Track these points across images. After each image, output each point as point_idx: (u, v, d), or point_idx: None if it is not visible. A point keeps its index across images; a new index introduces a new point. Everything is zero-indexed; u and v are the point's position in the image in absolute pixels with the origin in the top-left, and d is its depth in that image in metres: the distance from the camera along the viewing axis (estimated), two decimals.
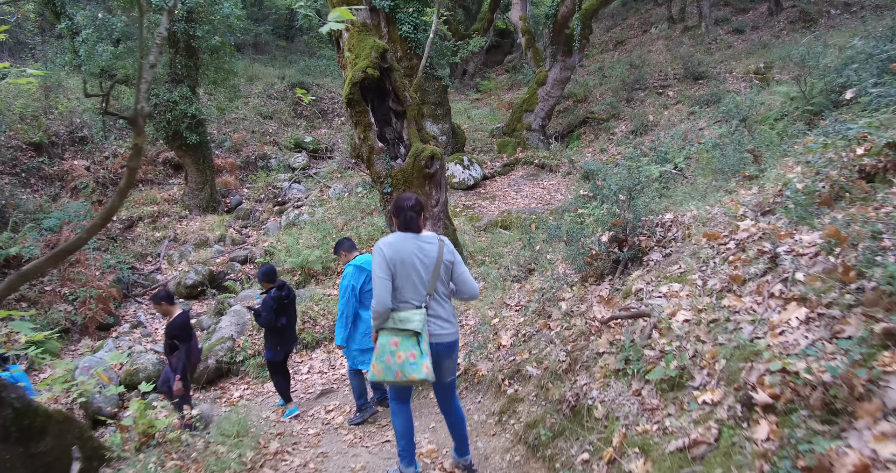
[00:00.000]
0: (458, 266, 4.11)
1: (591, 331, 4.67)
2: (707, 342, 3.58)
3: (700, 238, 5.16)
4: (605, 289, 5.60)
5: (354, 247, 6.52)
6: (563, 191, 14.51)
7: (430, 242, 4.03)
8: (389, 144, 9.52)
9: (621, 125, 17.01)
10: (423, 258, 3.91)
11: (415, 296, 3.89)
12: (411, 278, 3.88)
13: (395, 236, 3.96)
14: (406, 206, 3.99)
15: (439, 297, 4.04)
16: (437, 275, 3.96)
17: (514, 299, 7.49)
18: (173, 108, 13.11)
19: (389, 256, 3.83)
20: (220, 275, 12.41)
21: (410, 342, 3.77)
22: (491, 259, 10.16)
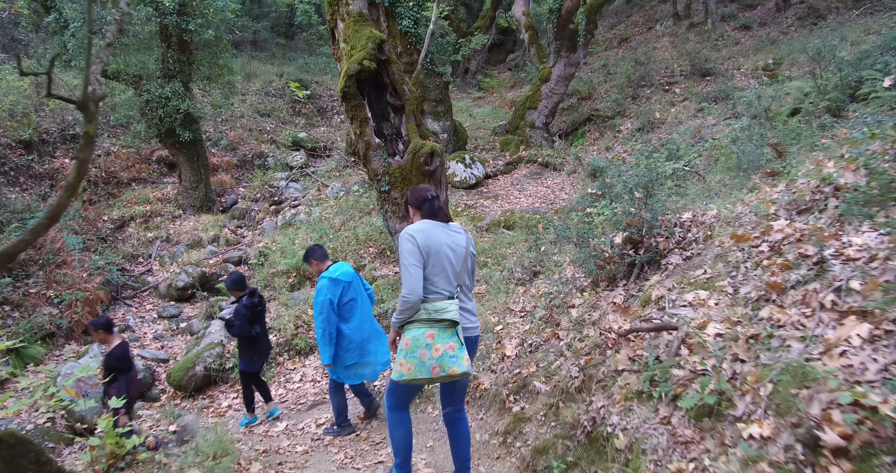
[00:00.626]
0: (476, 258, 4.01)
1: (608, 344, 4.13)
2: (748, 362, 3.05)
3: (725, 240, 4.63)
4: (619, 295, 5.07)
5: (327, 256, 6.08)
6: (568, 190, 13.96)
7: (459, 231, 3.89)
8: (387, 141, 8.99)
9: (627, 123, 16.45)
10: (453, 247, 3.71)
11: (447, 286, 3.64)
12: (444, 268, 3.64)
13: (426, 224, 3.73)
14: (430, 196, 3.85)
15: (466, 289, 3.86)
16: (465, 265, 3.79)
17: (519, 304, 6.96)
18: (165, 104, 12.57)
19: (423, 243, 3.58)
20: (213, 277, 11.89)
21: (448, 333, 3.50)
22: (493, 261, 9.63)
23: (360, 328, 5.71)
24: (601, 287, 5.46)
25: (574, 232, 6.05)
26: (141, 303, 11.55)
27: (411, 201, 3.93)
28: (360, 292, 5.84)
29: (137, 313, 11.23)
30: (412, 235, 3.62)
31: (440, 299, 3.59)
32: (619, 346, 3.98)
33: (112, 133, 15.93)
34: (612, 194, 8.23)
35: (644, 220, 5.06)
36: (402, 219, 8.79)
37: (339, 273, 5.67)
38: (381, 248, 11.29)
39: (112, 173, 14.78)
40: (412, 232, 3.64)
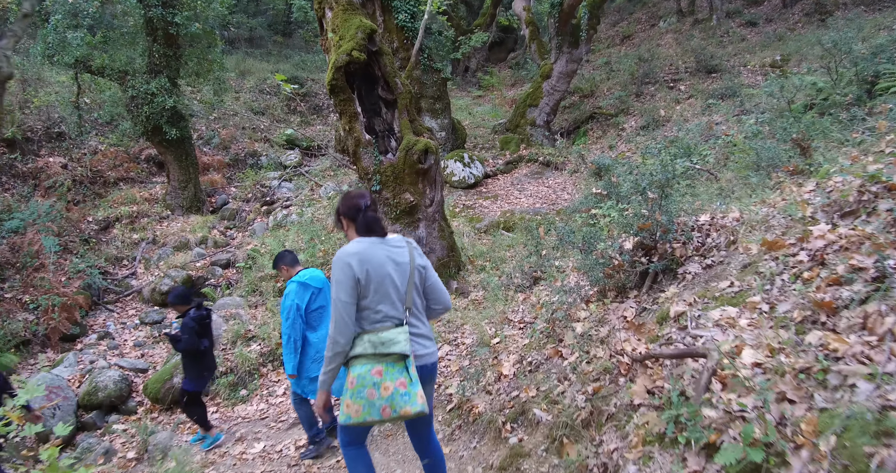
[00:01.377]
0: (430, 272, 3.43)
1: (620, 369, 3.51)
2: (799, 403, 2.43)
3: (752, 246, 4.01)
4: (630, 308, 4.45)
5: (297, 261, 5.60)
6: (570, 190, 13.36)
7: (399, 245, 3.31)
8: (379, 137, 8.39)
9: (631, 121, 15.83)
10: (396, 267, 3.18)
11: (393, 313, 3.14)
12: (388, 292, 3.13)
13: (360, 244, 3.15)
14: (363, 205, 3.27)
15: (417, 311, 3.31)
16: (412, 284, 3.24)
17: (518, 313, 6.34)
18: (151, 100, 11.95)
19: (359, 269, 3.04)
20: (200, 280, 11.28)
21: (397, 368, 3.01)
22: (492, 264, 9.02)
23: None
24: (609, 298, 4.84)
25: (579, 236, 5.42)
26: (123, 308, 10.95)
27: (343, 211, 3.34)
28: (330, 301, 5.29)
29: (119, 318, 10.62)
30: (346, 261, 3.06)
31: (387, 328, 3.09)
32: (633, 373, 3.36)
33: (100, 131, 15.31)
34: (619, 193, 7.62)
35: (658, 223, 4.44)
36: (395, 221, 8.19)
37: (308, 278, 5.27)
38: None
39: (98, 173, 14.16)
40: (346, 257, 3.07)
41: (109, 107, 13.27)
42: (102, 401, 8.22)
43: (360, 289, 3.06)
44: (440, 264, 8.40)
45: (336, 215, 3.42)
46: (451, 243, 8.64)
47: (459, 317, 7.24)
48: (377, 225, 3.27)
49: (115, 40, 12.45)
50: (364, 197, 3.33)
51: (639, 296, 4.58)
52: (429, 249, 8.33)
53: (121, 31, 12.45)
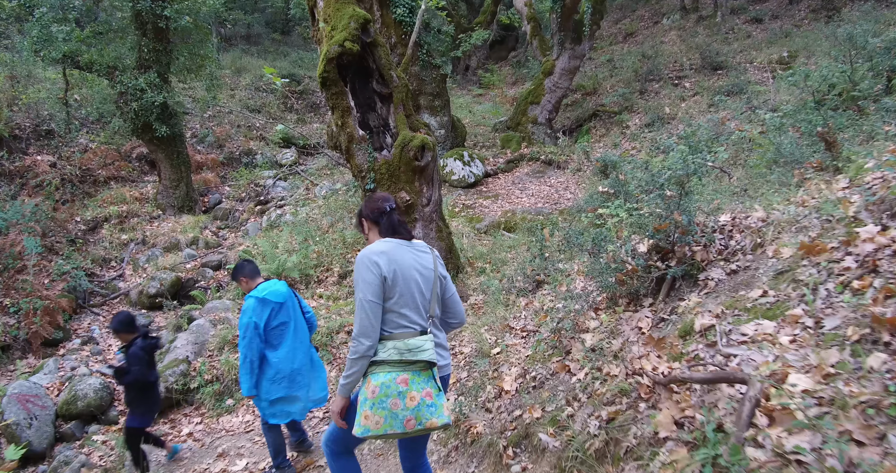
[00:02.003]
0: (450, 283, 3.24)
1: (640, 393, 3.04)
2: (869, 446, 1.96)
3: (781, 249, 3.55)
4: (645, 318, 3.98)
5: (257, 272, 5.12)
6: (573, 189, 12.90)
7: (425, 250, 3.16)
8: (373, 133, 7.92)
9: (635, 118, 15.35)
10: (422, 271, 3.02)
11: (418, 319, 2.95)
12: (413, 297, 2.94)
13: (389, 244, 3.00)
14: (388, 207, 3.12)
15: (437, 319, 3.13)
16: (436, 292, 3.07)
17: (520, 320, 5.88)
18: (140, 96, 11.49)
19: (387, 269, 2.87)
20: (189, 282, 10.81)
21: (424, 377, 2.83)
22: (492, 267, 8.55)
23: (292, 356, 4.84)
24: (621, 306, 4.37)
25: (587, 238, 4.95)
26: (110, 311, 10.48)
27: (366, 214, 3.18)
28: (294, 316, 4.94)
29: (105, 322, 10.15)
30: (374, 259, 2.87)
31: (412, 334, 2.87)
32: (656, 398, 2.89)
33: (91, 129, 14.86)
34: (626, 192, 7.16)
35: (677, 224, 3.97)
36: None
37: (267, 292, 4.77)
38: None
39: (88, 171, 13.70)
40: (373, 256, 2.89)
41: (98, 103, 12.79)
42: (82, 411, 7.76)
43: (385, 289, 2.87)
44: None
45: (358, 218, 3.26)
46: (449, 245, 8.18)
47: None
48: (403, 228, 3.12)
49: (104, 35, 11.98)
50: (389, 200, 3.15)
51: (655, 305, 4.12)
52: None
53: (109, 25, 11.98)
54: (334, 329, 7.82)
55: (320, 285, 9.90)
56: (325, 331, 7.76)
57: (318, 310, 8.78)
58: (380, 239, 3.06)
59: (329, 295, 9.43)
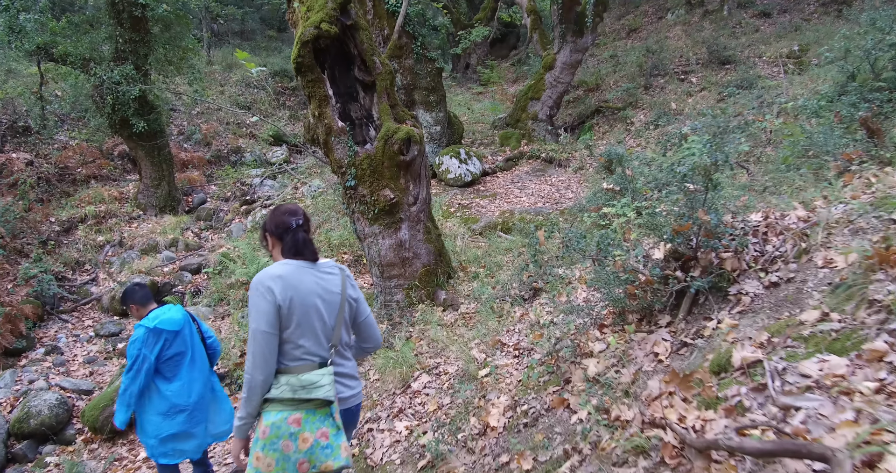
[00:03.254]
0: (362, 306, 2.97)
1: (665, 457, 2.24)
2: None
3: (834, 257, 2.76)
4: (662, 341, 3.19)
5: (150, 297, 4.44)
6: (575, 188, 12.10)
7: (331, 272, 2.83)
8: (355, 126, 7.13)
9: (639, 114, 14.53)
10: (325, 297, 2.73)
11: (317, 350, 2.68)
12: (313, 326, 2.66)
13: (286, 267, 2.68)
14: (293, 223, 2.79)
15: (343, 348, 2.88)
16: (342, 318, 2.80)
17: (514, 335, 5.08)
18: (115, 89, 10.71)
19: (283, 296, 2.57)
20: (166, 287, 10.04)
21: (319, 415, 2.60)
22: (486, 271, 7.75)
23: (188, 389, 4.26)
24: (631, 324, 3.57)
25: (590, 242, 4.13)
26: (80, 318, 9.71)
27: (269, 228, 2.85)
28: (191, 345, 4.34)
29: (74, 330, 9.39)
30: (268, 285, 2.57)
31: (309, 367, 2.63)
32: (687, 466, 2.09)
33: (73, 126, 14.09)
34: (634, 189, 6.36)
35: (702, 224, 3.18)
36: (373, 222, 6.94)
37: (159, 321, 4.13)
38: (356, 254, 9.44)
39: (67, 170, 12.93)
40: (267, 281, 2.59)
41: (72, 98, 12.01)
42: (35, 429, 6.99)
43: (281, 318, 2.57)
44: (426, 271, 7.13)
45: (262, 232, 2.91)
46: (438, 248, 7.38)
47: (445, 336, 5.98)
48: (308, 248, 2.78)
49: (78, 24, 11.19)
50: (296, 214, 2.82)
51: (673, 324, 3.32)
52: (412, 253, 7.08)
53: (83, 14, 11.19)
54: None
55: None
56: None
57: None
58: (281, 259, 2.74)
59: None
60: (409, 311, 7.03)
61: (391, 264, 7.02)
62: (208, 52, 19.62)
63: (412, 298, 7.05)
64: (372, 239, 7.00)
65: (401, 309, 7.09)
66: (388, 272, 7.09)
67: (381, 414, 4.76)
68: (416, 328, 6.69)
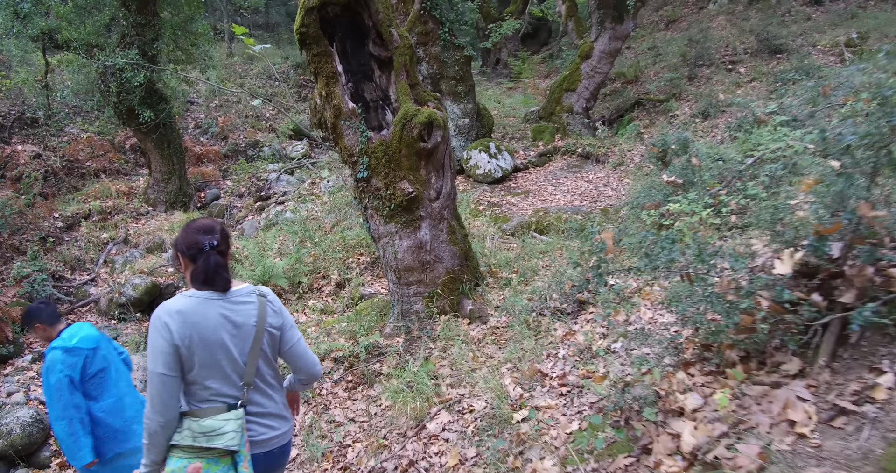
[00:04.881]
0: (289, 333, 2.55)
1: None
2: None
3: None
4: (798, 401, 2.06)
5: (58, 316, 3.94)
6: (615, 185, 10.93)
7: (246, 300, 2.42)
8: (370, 109, 6.08)
9: (684, 107, 13.27)
10: (234, 331, 2.35)
11: (226, 389, 2.34)
12: (218, 364, 2.31)
13: (187, 301, 2.30)
14: (207, 244, 2.36)
15: (263, 383, 2.48)
16: (257, 352, 2.41)
17: (557, 363, 3.97)
18: (119, 76, 9.81)
19: (181, 335, 2.22)
20: (169, 289, 9.13)
21: (223, 464, 2.28)
22: (520, 278, 6.62)
23: (119, 405, 3.86)
24: (735, 366, 2.44)
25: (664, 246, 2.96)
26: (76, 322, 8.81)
27: (180, 247, 2.41)
28: (111, 359, 3.94)
29: None
30: (165, 322, 2.22)
31: (216, 410, 2.29)
32: None
33: (86, 118, 13.28)
34: (701, 181, 5.19)
35: (859, 223, 2.04)
36: (388, 219, 5.88)
37: (77, 340, 3.72)
38: (374, 256, 8.41)
39: (76, 163, 12.12)
40: (165, 316, 2.23)
41: (76, 85, 11.15)
42: (3, 451, 6.07)
43: (181, 359, 2.24)
44: (449, 277, 6.03)
45: (174, 251, 2.51)
46: (465, 250, 6.27)
47: (471, 357, 4.90)
48: (220, 275, 2.38)
49: (84, 7, 10.30)
50: (212, 232, 2.43)
51: (810, 373, 2.18)
52: (434, 256, 5.98)
53: None
54: (320, 355, 5.99)
55: (314, 294, 8.11)
56: None
57: (306, 327, 6.99)
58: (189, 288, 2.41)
59: (322, 308, 7.63)
60: (430, 323, 5.94)
61: (409, 268, 5.94)
62: (229, 44, 18.81)
63: (433, 308, 5.95)
64: (387, 240, 5.93)
65: (420, 321, 6.00)
66: (406, 278, 6.00)
67: (388, 466, 3.68)
68: (436, 344, 5.61)
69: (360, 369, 5.65)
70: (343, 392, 5.58)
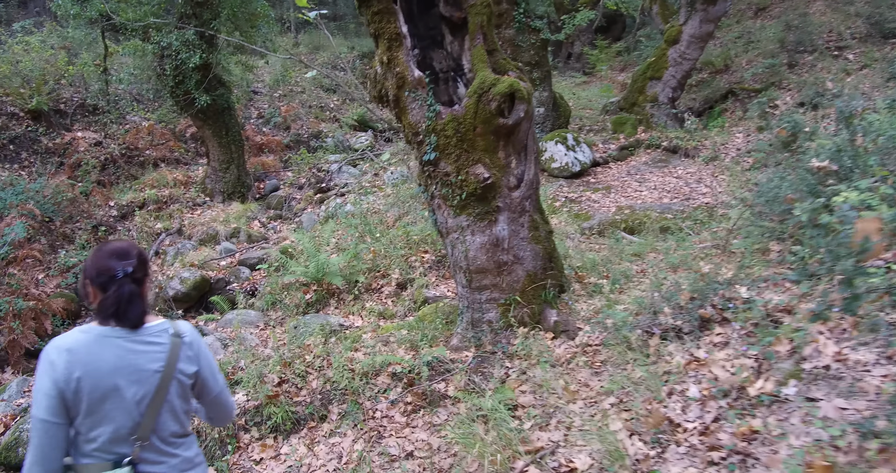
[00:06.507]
0: (209, 380, 2.18)
1: None
2: None
3: None
4: None
5: None
6: (709, 181, 9.62)
7: (156, 340, 2.04)
8: (440, 81, 5.06)
9: (785, 96, 11.75)
10: (134, 376, 1.97)
11: (113, 444, 1.97)
12: (108, 414, 1.95)
13: (82, 336, 1.96)
14: (118, 270, 2.01)
15: (162, 442, 2.06)
16: (159, 403, 2.02)
17: (690, 407, 2.84)
18: (174, 57, 9.12)
19: (66, 376, 1.89)
20: (220, 283, 8.37)
21: None
22: (612, 284, 5.48)
23: None
24: None
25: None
26: None
27: (89, 273, 2.02)
28: None
29: None
30: (52, 359, 1.90)
31: (98, 468, 1.94)
32: None
33: (149, 107, 12.80)
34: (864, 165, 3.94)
35: None
36: (459, 211, 4.84)
37: None
38: (440, 253, 7.41)
39: (136, 151, 11.60)
40: (54, 353, 1.92)
41: (130, 70, 10.55)
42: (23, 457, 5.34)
43: (66, 404, 1.89)
44: (531, 282, 4.93)
45: (82, 277, 2.07)
46: (549, 250, 5.16)
47: (561, 384, 3.81)
48: (133, 307, 1.99)
49: None
50: (127, 256, 2.04)
51: None
52: (513, 256, 4.90)
53: None
54: (374, 370, 5.02)
55: (372, 295, 7.17)
56: (360, 371, 4.98)
57: (361, 333, 6.03)
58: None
59: (381, 311, 6.66)
60: (506, 336, 4.87)
61: (483, 269, 4.87)
62: (295, 34, 18.25)
63: (510, 318, 4.87)
64: (457, 235, 4.88)
65: (494, 332, 4.93)
66: (479, 281, 4.94)
67: None
68: (514, 362, 4.55)
69: (421, 388, 4.64)
70: (400, 416, 4.56)
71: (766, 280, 3.95)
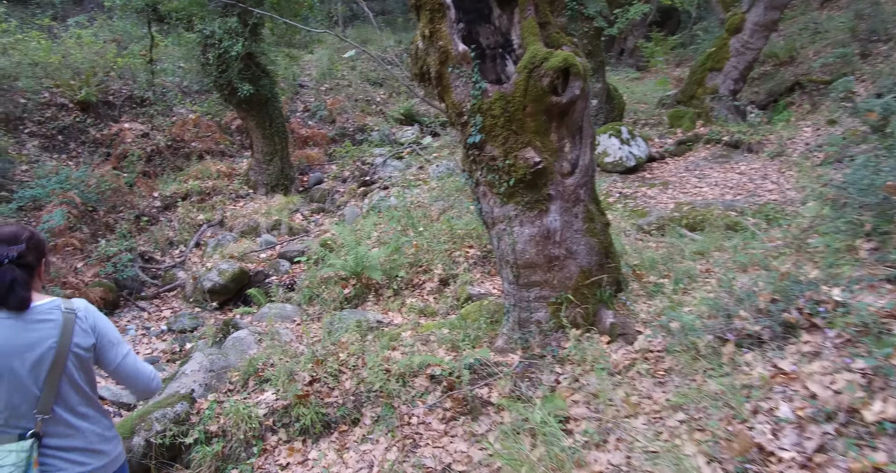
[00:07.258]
0: (110, 351, 2.20)
1: None
2: None
3: None
4: None
5: None
6: (775, 177, 8.89)
7: (47, 317, 2.05)
8: (486, 58, 4.59)
9: (858, 87, 10.87)
10: (27, 353, 2.01)
11: (16, 419, 2.03)
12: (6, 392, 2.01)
13: None
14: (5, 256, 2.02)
15: (69, 413, 2.10)
16: (57, 377, 2.06)
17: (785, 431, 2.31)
18: (217, 46, 8.91)
19: None
20: (259, 276, 8.09)
21: None
22: (674, 284, 4.92)
23: None
24: None
25: None
26: (160, 307, 7.98)
27: None
28: None
29: (148, 320, 7.64)
30: None
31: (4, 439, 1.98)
32: None
33: (196, 99, 12.71)
34: None
35: None
36: (506, 199, 4.37)
37: None
38: (485, 249, 6.95)
39: (181, 143, 11.50)
40: None
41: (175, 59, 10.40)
42: None
43: None
44: (585, 279, 4.41)
45: None
46: (605, 244, 4.64)
47: (620, 396, 3.31)
48: (14, 293, 1.99)
49: None
50: (14, 241, 2.04)
51: None
52: (565, 250, 4.40)
53: None
54: (411, 371, 4.60)
55: (413, 291, 6.76)
56: (396, 372, 4.57)
57: (401, 331, 5.62)
58: None
59: (421, 308, 6.25)
60: (556, 338, 4.38)
61: (531, 264, 4.38)
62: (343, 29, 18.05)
63: (561, 318, 4.36)
64: (504, 226, 4.42)
65: (543, 334, 4.44)
66: (527, 277, 4.45)
67: None
68: (566, 368, 4.06)
69: (461, 393, 4.20)
70: (438, 424, 4.12)
71: (860, 281, 3.36)
